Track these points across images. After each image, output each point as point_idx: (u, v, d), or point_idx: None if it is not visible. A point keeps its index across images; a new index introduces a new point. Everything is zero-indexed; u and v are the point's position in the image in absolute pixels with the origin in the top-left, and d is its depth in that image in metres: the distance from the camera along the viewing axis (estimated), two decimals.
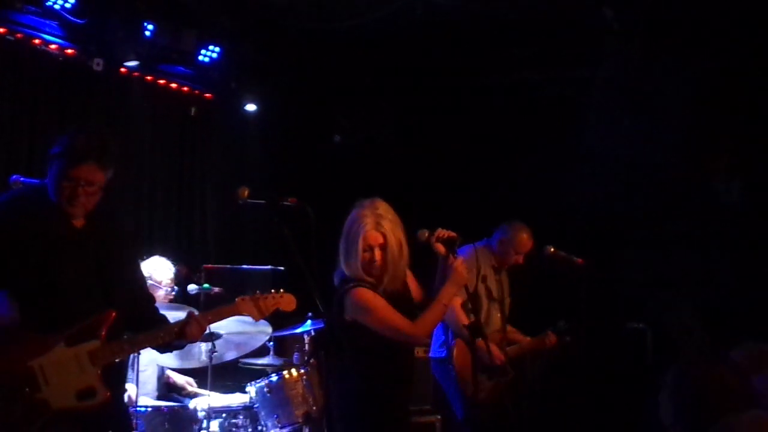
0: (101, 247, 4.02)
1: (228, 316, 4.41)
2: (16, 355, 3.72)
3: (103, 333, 3.86)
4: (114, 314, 3.90)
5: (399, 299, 4.72)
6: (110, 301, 3.95)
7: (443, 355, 6.65)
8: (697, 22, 7.38)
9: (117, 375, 4.07)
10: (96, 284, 3.95)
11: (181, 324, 4.12)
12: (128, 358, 5.86)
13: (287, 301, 4.38)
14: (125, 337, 4.02)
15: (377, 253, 4.61)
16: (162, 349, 4.30)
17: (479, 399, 6.31)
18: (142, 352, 5.70)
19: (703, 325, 7.84)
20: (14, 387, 3.67)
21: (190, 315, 4.19)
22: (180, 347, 4.33)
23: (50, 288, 3.83)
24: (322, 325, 6.01)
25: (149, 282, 6.25)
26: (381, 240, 4.62)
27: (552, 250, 6.59)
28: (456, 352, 6.52)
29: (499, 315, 6.70)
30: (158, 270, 6.37)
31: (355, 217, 4.67)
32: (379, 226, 4.62)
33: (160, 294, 6.33)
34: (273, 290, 4.38)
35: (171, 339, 4.11)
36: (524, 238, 6.65)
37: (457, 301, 6.39)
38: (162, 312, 5.89)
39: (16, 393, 3.67)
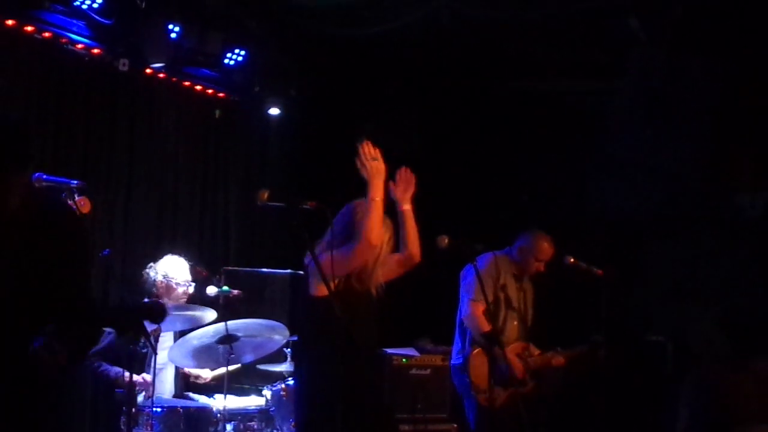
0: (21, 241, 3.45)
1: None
2: None
3: None
4: None
5: (360, 298, 4.80)
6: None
7: (459, 362, 6.65)
8: (722, 34, 7.34)
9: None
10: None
11: None
12: (148, 356, 5.93)
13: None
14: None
15: None
16: None
17: (494, 408, 6.28)
18: (159, 351, 5.77)
19: (725, 337, 7.77)
20: None
21: None
22: None
23: None
24: None
25: (167, 281, 6.32)
26: None
27: (572, 260, 6.56)
28: (472, 360, 6.51)
29: (516, 323, 6.66)
30: (174, 268, 6.41)
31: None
32: None
33: (179, 292, 6.36)
34: None
35: None
36: (544, 246, 6.63)
37: (479, 308, 6.40)
38: (181, 312, 5.98)
39: None
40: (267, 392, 6.30)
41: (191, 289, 6.46)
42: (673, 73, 7.63)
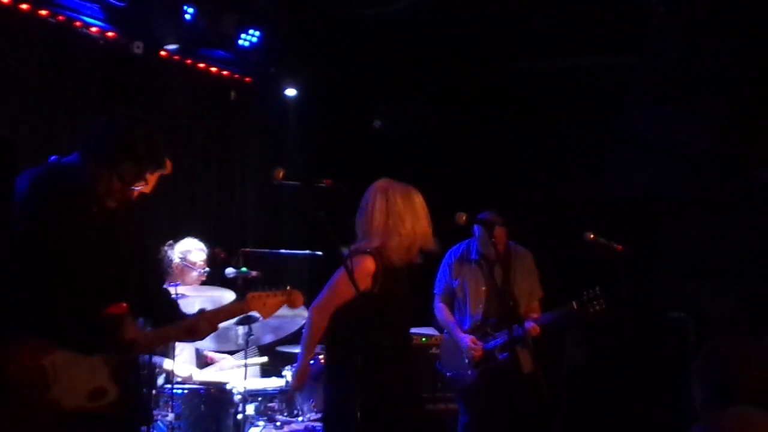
0: (124, 235, 3.89)
1: (239, 314, 4.37)
2: (30, 352, 3.56)
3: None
4: (124, 307, 3.73)
5: (398, 274, 4.79)
6: (125, 292, 3.79)
7: None
8: (741, 8, 7.25)
9: (130, 371, 3.88)
10: (113, 273, 3.79)
11: (192, 322, 3.98)
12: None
13: (294, 299, 4.24)
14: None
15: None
16: None
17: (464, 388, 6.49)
18: None
19: (746, 315, 7.72)
20: (25, 386, 3.52)
21: (201, 314, 4.03)
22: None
23: (69, 277, 3.66)
24: None
25: (183, 264, 6.31)
26: None
27: (591, 236, 6.48)
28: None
29: (481, 307, 6.58)
30: (192, 251, 6.41)
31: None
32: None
33: (193, 275, 6.36)
34: (286, 288, 4.22)
35: (181, 338, 4.01)
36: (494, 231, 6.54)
37: (439, 300, 6.65)
38: (200, 293, 5.97)
39: (27, 392, 3.53)
40: (287, 373, 6.30)
41: (205, 276, 6.45)
42: (691, 49, 7.54)
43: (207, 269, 6.44)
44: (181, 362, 6.24)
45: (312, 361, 6.21)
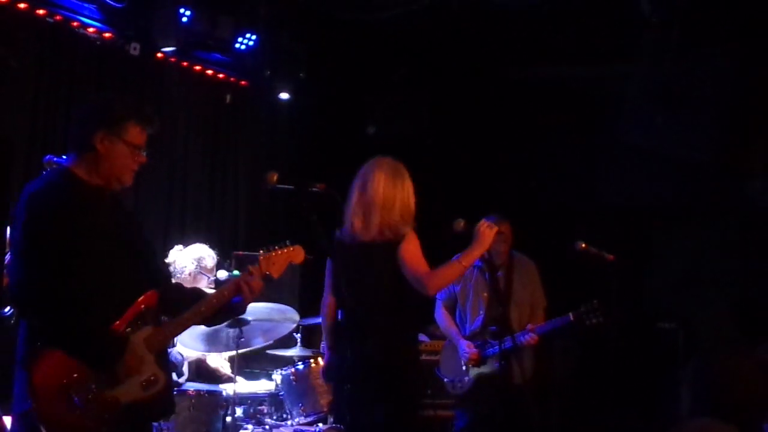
0: (129, 225, 3.95)
1: (263, 274, 4.29)
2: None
3: (153, 317, 3.81)
4: (156, 295, 3.82)
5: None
6: (150, 281, 3.87)
7: None
8: (734, 17, 7.29)
9: (166, 357, 4.02)
10: (136, 264, 3.85)
11: (231, 288, 4.02)
12: None
13: (297, 253, 4.29)
14: (165, 318, 3.92)
15: None
16: (211, 321, 4.17)
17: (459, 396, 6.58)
18: None
19: (736, 325, 7.75)
20: (84, 387, 3.57)
21: (243, 275, 4.09)
22: (240, 312, 4.21)
23: (104, 275, 3.72)
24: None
25: (198, 270, 6.24)
26: None
27: (583, 245, 6.48)
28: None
29: (482, 313, 6.61)
30: (206, 258, 6.33)
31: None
32: None
33: (204, 284, 6.28)
34: (287, 243, 4.28)
35: (214, 309, 3.96)
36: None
37: (442, 306, 6.66)
38: None
39: (87, 393, 3.57)
40: (277, 376, 6.30)
41: (213, 282, 6.40)
42: (685, 59, 7.57)
43: (215, 276, 6.39)
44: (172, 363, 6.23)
45: (302, 365, 6.23)
